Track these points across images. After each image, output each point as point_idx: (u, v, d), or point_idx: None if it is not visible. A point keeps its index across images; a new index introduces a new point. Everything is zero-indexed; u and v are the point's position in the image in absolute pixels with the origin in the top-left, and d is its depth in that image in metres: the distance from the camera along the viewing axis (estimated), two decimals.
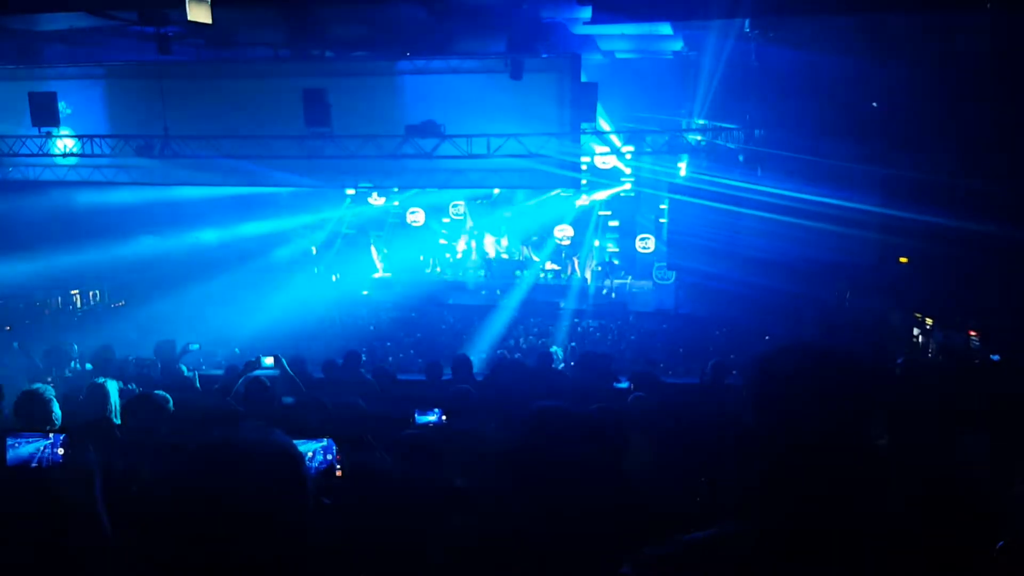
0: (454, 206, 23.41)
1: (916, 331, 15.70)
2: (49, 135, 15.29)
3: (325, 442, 2.89)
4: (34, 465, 3.09)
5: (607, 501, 2.32)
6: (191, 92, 14.85)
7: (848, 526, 1.37)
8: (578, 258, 22.98)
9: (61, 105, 14.78)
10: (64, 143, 15.74)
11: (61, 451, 3.06)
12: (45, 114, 14.51)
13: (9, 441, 3.16)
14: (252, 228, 20.87)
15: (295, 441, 1.60)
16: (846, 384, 1.43)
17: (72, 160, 16.01)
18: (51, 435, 3.12)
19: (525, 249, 23.71)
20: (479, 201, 23.38)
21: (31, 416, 3.99)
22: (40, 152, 15.62)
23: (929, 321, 15.16)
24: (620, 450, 3.51)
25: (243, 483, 1.50)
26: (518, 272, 23.02)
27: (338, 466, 2.91)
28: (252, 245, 20.81)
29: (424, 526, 2.76)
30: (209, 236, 19.87)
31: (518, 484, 2.32)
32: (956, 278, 14.75)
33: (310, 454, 3.00)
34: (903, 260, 16.72)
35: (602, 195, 19.91)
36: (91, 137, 15.53)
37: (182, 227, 19.18)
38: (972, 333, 13.83)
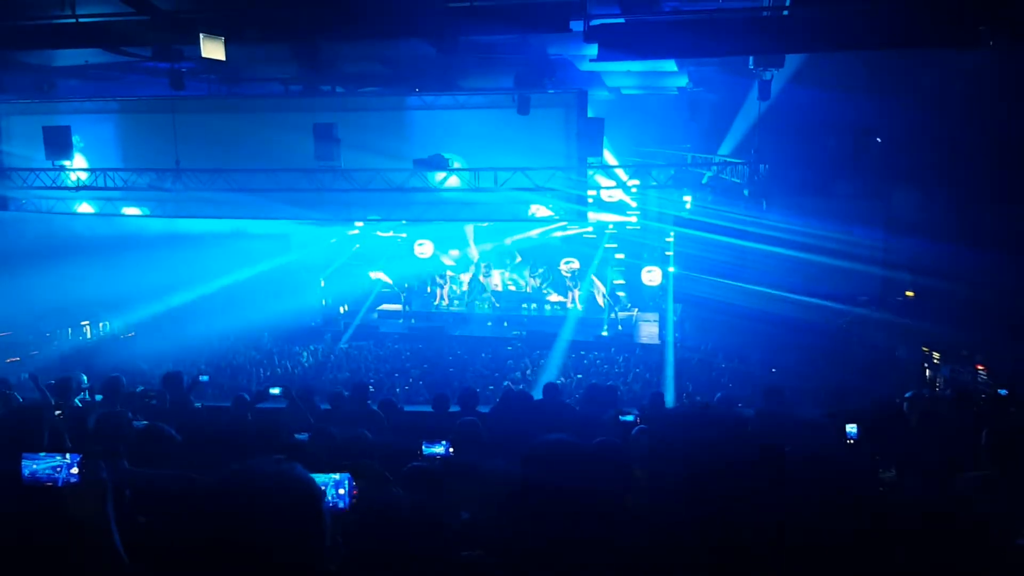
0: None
1: (924, 364, 15.67)
2: (63, 168, 15.49)
3: (337, 476, 2.91)
4: (49, 484, 3.15)
5: (611, 535, 2.35)
6: (203, 126, 15.05)
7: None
8: (580, 289, 23.01)
9: (75, 138, 14.99)
10: (77, 176, 15.94)
11: (76, 470, 3.11)
12: (59, 147, 14.70)
13: (25, 460, 3.22)
14: (261, 260, 21.05)
15: (312, 475, 1.61)
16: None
17: (85, 193, 16.20)
18: (67, 455, 3.19)
19: (533, 280, 23.77)
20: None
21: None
22: (53, 185, 15.81)
23: (936, 355, 15.14)
24: (624, 483, 3.54)
25: (261, 518, 1.51)
26: (525, 304, 23.09)
27: (354, 501, 2.93)
28: (260, 277, 20.95)
29: (434, 562, 2.79)
30: (220, 268, 20.03)
31: (523, 517, 2.36)
32: (962, 312, 14.75)
33: (323, 488, 3.02)
34: (909, 294, 16.78)
35: (606, 217, 20.00)
36: (104, 170, 15.73)
37: (193, 259, 19.33)
38: (979, 367, 13.80)
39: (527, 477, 2.37)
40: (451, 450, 5.36)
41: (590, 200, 15.87)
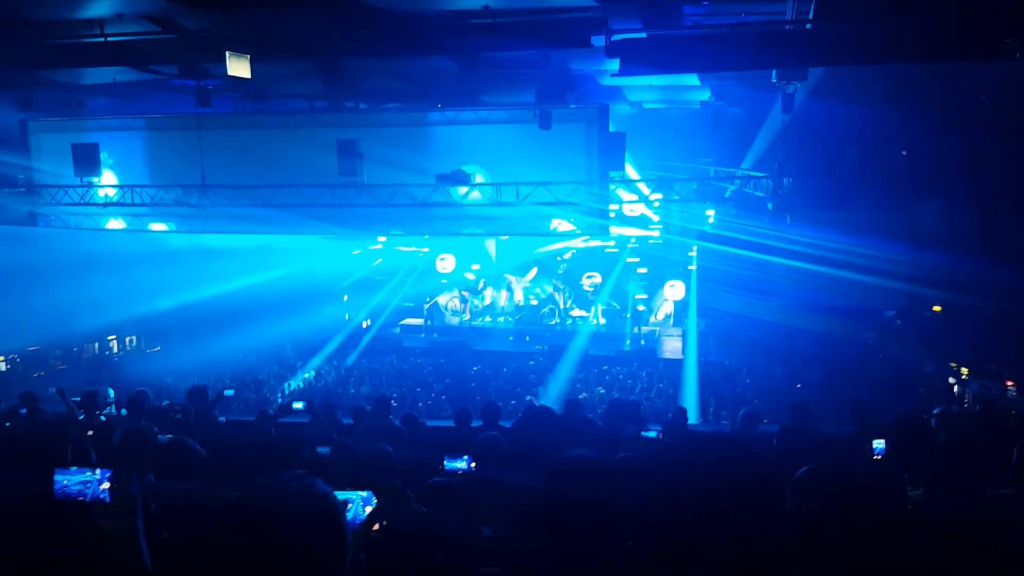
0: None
1: (952, 380, 15.44)
2: (91, 184, 15.72)
3: (365, 494, 2.92)
4: (80, 498, 3.20)
5: (633, 551, 2.33)
6: (228, 142, 15.21)
7: None
8: (602, 304, 22.99)
9: (103, 155, 15.21)
10: (105, 192, 16.18)
11: (107, 486, 3.16)
12: (87, 164, 14.92)
13: (57, 475, 3.28)
14: (284, 274, 21.22)
15: (336, 492, 1.62)
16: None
17: (112, 208, 16.43)
18: (97, 470, 3.24)
19: (556, 295, 23.77)
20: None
21: None
22: (82, 201, 16.05)
23: (964, 371, 14.91)
24: (647, 500, 3.50)
25: (283, 534, 1.51)
26: (547, 319, 23.10)
27: (376, 519, 2.92)
28: (284, 291, 21.11)
29: None
30: (243, 282, 20.20)
31: (545, 533, 2.34)
32: (990, 326, 14.53)
33: (349, 506, 3.03)
34: (936, 309, 16.57)
35: (629, 231, 20.03)
36: (131, 186, 15.95)
37: (218, 274, 19.53)
38: (1009, 383, 13.57)
39: (549, 492, 2.36)
40: (473, 465, 5.35)
41: (612, 214, 15.87)
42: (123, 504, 2.63)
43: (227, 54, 10.62)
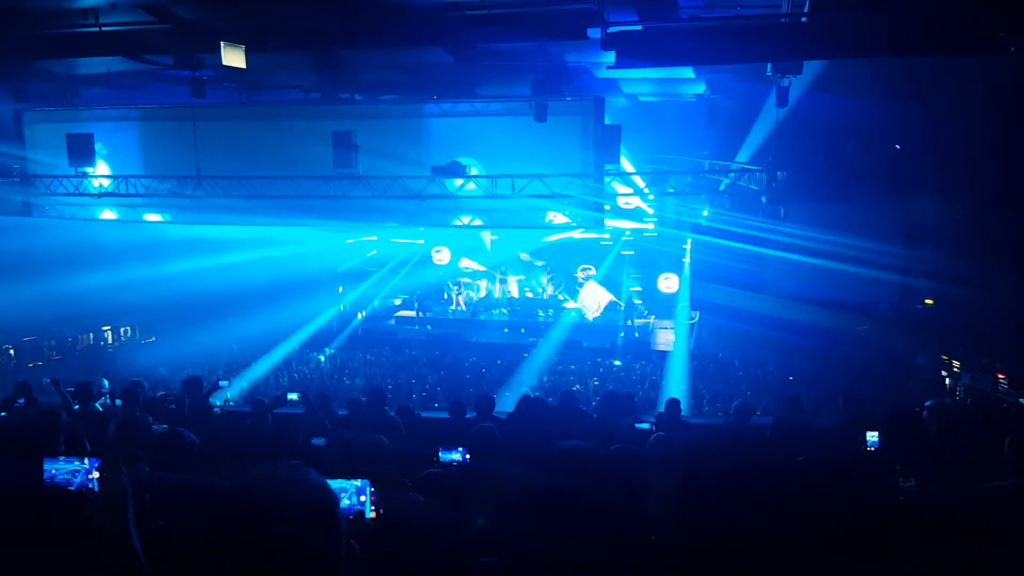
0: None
1: (944, 373, 15.52)
2: (85, 175, 15.67)
3: (359, 483, 2.93)
4: (70, 488, 3.20)
5: (626, 541, 2.35)
6: (223, 133, 15.18)
7: None
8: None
9: (97, 146, 15.15)
10: (99, 182, 16.12)
11: (96, 475, 3.15)
12: (81, 154, 14.87)
13: (46, 464, 3.27)
14: (281, 266, 21.20)
15: (329, 481, 1.63)
16: None
17: (106, 199, 16.39)
18: (86, 459, 3.23)
19: (550, 287, 23.79)
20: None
21: None
22: (76, 191, 16.00)
23: (956, 364, 14.99)
24: (641, 491, 3.53)
25: (277, 525, 1.53)
26: (541, 311, 23.10)
27: (372, 508, 2.93)
28: (279, 282, 21.09)
29: (450, 568, 2.80)
30: (238, 272, 20.18)
31: (540, 523, 2.36)
32: (981, 320, 14.60)
33: (343, 494, 3.04)
34: (929, 302, 16.63)
35: (623, 224, 20.06)
36: (125, 177, 15.89)
37: (213, 265, 19.50)
38: (1000, 376, 13.65)
39: (544, 483, 2.38)
40: (467, 456, 5.36)
41: (607, 207, 15.87)
42: (111, 493, 2.63)
43: (222, 44, 10.57)
